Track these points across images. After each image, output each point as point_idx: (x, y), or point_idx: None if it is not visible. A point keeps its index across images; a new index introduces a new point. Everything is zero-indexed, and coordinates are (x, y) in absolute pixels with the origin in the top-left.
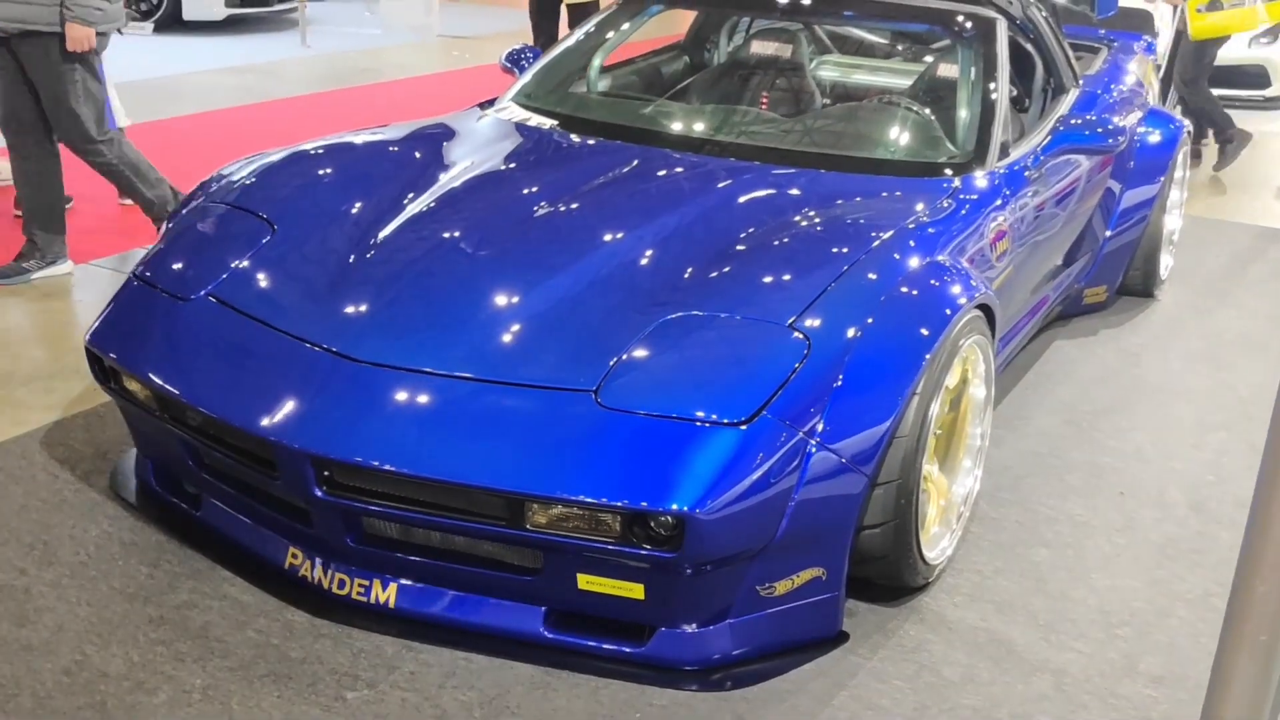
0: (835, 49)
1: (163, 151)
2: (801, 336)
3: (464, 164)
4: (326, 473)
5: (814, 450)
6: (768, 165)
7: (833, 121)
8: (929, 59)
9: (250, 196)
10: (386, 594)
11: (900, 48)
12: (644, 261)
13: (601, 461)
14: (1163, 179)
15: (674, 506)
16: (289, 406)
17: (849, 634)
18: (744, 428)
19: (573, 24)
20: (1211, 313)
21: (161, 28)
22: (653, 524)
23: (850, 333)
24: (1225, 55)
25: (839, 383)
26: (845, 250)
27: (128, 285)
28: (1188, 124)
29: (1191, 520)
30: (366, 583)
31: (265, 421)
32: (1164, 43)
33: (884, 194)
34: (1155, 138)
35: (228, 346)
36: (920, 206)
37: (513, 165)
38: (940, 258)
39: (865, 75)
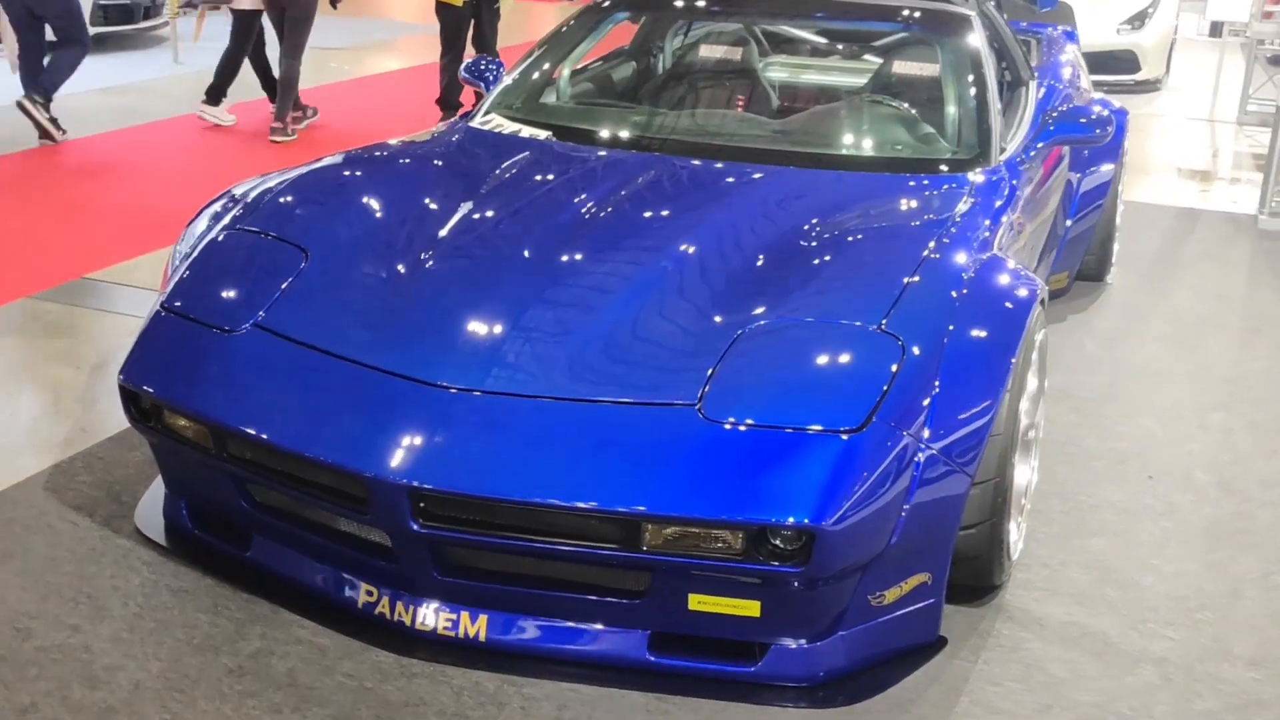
0: (824, 52)
1: (77, 180)
2: (894, 338)
3: (488, 179)
4: (422, 504)
5: (923, 453)
6: (792, 168)
7: (843, 122)
8: (918, 59)
9: (273, 221)
10: (476, 627)
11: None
12: (705, 270)
13: (717, 477)
14: (1115, 164)
15: (796, 520)
16: (379, 439)
17: (947, 638)
18: (855, 435)
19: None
20: (1164, 294)
21: None
22: (776, 539)
23: (937, 333)
24: (1095, 41)
25: (936, 383)
26: (903, 252)
27: (156, 318)
28: (1128, 110)
29: (1225, 501)
30: (454, 616)
31: (355, 456)
32: None
33: (915, 193)
34: None
35: (291, 379)
36: (952, 205)
37: (538, 179)
38: (993, 255)
39: (857, 78)
